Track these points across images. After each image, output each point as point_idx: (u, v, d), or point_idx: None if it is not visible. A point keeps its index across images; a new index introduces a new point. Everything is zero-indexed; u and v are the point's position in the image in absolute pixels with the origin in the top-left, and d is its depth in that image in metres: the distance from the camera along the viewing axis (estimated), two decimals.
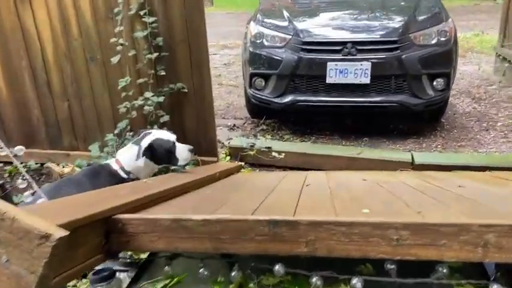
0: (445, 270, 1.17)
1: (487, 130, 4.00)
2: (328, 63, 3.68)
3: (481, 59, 6.58)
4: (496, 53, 5.73)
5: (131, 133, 3.08)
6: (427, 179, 2.37)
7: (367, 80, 3.63)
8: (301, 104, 3.90)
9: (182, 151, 2.44)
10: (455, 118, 4.35)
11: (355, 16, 4.29)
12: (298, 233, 1.14)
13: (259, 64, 3.97)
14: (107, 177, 2.22)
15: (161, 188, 1.64)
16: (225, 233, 1.18)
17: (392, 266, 1.19)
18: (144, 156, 2.33)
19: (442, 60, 3.71)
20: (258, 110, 4.43)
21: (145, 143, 2.36)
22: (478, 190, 2.00)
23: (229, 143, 3.70)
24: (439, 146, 3.71)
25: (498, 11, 5.69)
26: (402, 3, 4.36)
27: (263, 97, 4.05)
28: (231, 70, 6.71)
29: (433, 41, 3.68)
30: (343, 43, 3.71)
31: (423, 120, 4.14)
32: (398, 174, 2.75)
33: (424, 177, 2.49)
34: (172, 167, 2.53)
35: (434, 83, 3.71)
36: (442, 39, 3.71)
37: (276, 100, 3.97)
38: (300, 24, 4.07)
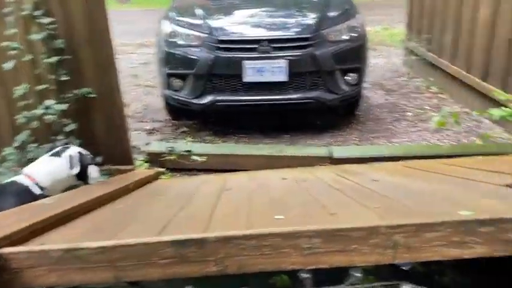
0: (359, 275, 1.16)
1: (399, 120, 4.20)
2: (245, 62, 3.64)
3: (390, 52, 6.93)
4: (404, 46, 6.07)
5: (35, 145, 2.81)
6: (344, 174, 2.41)
7: (284, 78, 3.64)
8: (220, 104, 3.82)
9: (94, 170, 2.33)
10: (369, 110, 4.52)
11: (270, 13, 4.29)
12: (206, 252, 1.07)
13: (175, 64, 3.84)
14: (13, 196, 1.97)
15: (59, 210, 1.47)
16: (126, 260, 1.07)
17: (307, 275, 1.16)
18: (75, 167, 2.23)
19: (354, 56, 3.82)
20: (178, 112, 4.29)
21: (73, 153, 2.26)
22: (390, 184, 2.06)
23: (147, 148, 3.52)
24: (356, 139, 3.83)
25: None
26: (314, 0, 4.42)
27: (181, 98, 3.92)
28: (149, 70, 6.44)
29: (344, 37, 3.78)
30: (259, 41, 3.68)
31: (340, 114, 4.25)
32: (316, 170, 2.78)
33: (341, 171, 2.53)
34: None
35: (348, 77, 3.81)
36: (353, 34, 3.82)
37: (194, 101, 3.85)
38: (215, 22, 3.98)
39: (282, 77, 3.62)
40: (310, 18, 3.97)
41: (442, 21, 4.77)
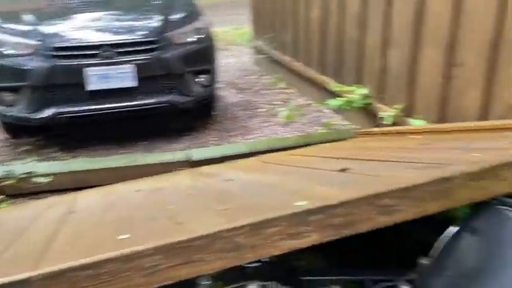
0: (207, 282, 1.15)
1: (253, 117, 4.38)
2: (87, 69, 3.40)
3: (241, 51, 7.18)
4: (252, 46, 6.35)
5: None
6: (200, 177, 2.40)
7: (133, 83, 3.50)
8: (64, 116, 3.52)
9: None
10: (225, 109, 4.63)
11: (113, 17, 4.09)
12: None
13: (3, 76, 3.41)
14: None
15: None
16: None
17: None
18: None
19: (202, 57, 3.86)
20: (16, 129, 3.84)
21: None
22: (244, 182, 2.10)
23: None
24: (214, 139, 3.88)
25: None
26: (157, 3, 4.34)
27: (17, 114, 3.50)
28: None
29: (191, 39, 3.79)
30: (101, 46, 3.48)
31: (196, 116, 4.26)
32: (174, 176, 2.73)
33: (198, 175, 2.53)
34: None
35: (199, 79, 3.83)
36: (199, 36, 3.85)
37: (33, 116, 3.48)
38: (49, 28, 3.65)
39: (129, 82, 3.48)
40: (155, 21, 3.88)
41: (282, 21, 5.11)
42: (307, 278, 1.38)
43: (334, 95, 3.90)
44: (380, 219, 1.19)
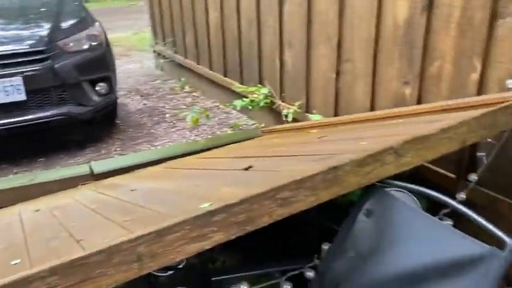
0: None
1: (159, 123, 4.30)
2: None
3: (143, 56, 6.99)
4: (153, 50, 6.22)
5: None
6: (104, 190, 2.31)
7: (22, 97, 3.25)
8: None
9: None
10: (129, 117, 4.48)
11: None
12: None
13: None
14: None
15: None
16: None
17: None
18: None
19: (98, 65, 3.71)
20: None
21: None
22: (148, 191, 2.06)
23: None
24: (118, 149, 3.74)
25: None
26: (44, 10, 4.09)
27: None
28: None
29: (84, 47, 3.62)
30: None
31: (98, 126, 4.07)
32: (76, 191, 2.59)
33: (102, 188, 2.43)
34: None
35: (97, 88, 3.68)
36: (93, 43, 3.69)
37: None
38: None
39: (19, 96, 3.23)
40: (44, 29, 3.66)
41: (181, 24, 5.07)
42: (217, 278, 1.39)
43: (239, 96, 3.97)
44: (279, 211, 1.24)
